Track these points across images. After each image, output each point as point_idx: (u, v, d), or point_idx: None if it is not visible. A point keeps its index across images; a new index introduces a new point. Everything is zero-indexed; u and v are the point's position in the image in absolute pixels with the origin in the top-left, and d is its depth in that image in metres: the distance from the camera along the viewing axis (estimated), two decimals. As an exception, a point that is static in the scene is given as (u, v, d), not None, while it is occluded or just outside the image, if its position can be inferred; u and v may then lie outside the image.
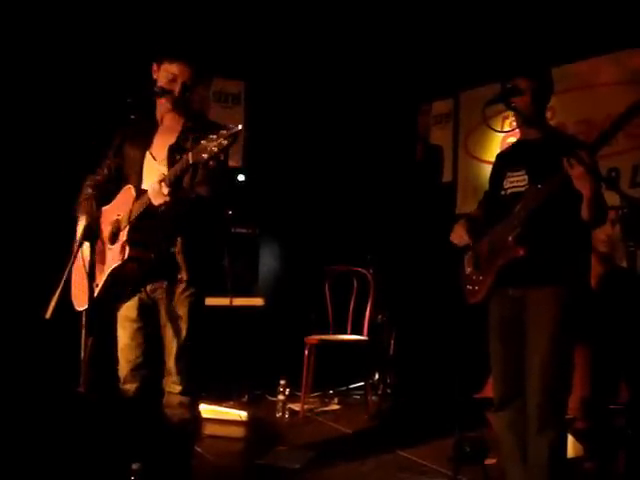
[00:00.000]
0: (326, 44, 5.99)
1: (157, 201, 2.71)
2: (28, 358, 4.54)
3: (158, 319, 3.02)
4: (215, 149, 2.50)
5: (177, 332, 2.96)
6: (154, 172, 2.86)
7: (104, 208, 3.05)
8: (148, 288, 3.00)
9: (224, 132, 2.50)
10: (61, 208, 3.18)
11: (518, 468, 3.09)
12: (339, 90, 6.29)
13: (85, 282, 2.79)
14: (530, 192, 2.86)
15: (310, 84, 6.19)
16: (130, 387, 3.04)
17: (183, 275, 2.93)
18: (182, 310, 2.97)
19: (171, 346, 2.98)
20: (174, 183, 2.70)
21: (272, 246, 6.23)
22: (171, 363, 2.99)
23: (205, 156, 2.53)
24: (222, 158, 2.63)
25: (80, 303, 2.99)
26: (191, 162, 2.60)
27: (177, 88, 2.97)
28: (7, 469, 3.37)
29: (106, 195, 3.07)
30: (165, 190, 2.67)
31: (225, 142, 2.49)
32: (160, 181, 2.70)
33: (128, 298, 3.01)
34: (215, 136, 2.51)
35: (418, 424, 4.90)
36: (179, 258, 2.93)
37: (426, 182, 6.45)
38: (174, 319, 2.97)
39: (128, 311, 3.04)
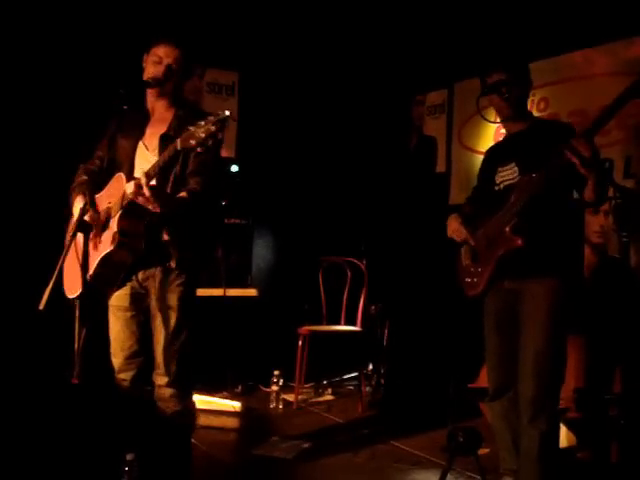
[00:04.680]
0: (320, 35, 5.97)
1: (138, 198, 2.67)
2: (22, 349, 4.53)
3: (149, 309, 3.00)
4: (203, 135, 2.48)
5: (166, 322, 2.93)
6: (146, 161, 2.84)
7: (96, 196, 3.02)
8: (140, 276, 2.97)
9: (212, 118, 2.47)
10: (54, 199, 3.17)
11: (511, 457, 3.11)
12: (333, 81, 6.27)
13: (77, 270, 2.78)
14: (523, 182, 2.87)
15: (304, 75, 6.18)
16: (126, 376, 3.03)
17: (172, 262, 2.91)
18: (172, 300, 2.94)
19: (159, 337, 2.95)
20: (158, 174, 2.68)
21: (266, 237, 6.22)
22: (159, 355, 2.96)
23: (193, 142, 2.50)
24: (210, 144, 2.55)
25: (70, 290, 2.95)
26: (179, 148, 2.57)
27: (161, 70, 2.94)
28: (2, 459, 3.37)
29: (98, 184, 3.04)
30: (144, 185, 2.63)
31: (213, 128, 2.46)
32: (143, 174, 2.67)
33: (120, 286, 2.99)
34: (203, 122, 2.48)
35: (412, 414, 4.91)
36: (170, 245, 2.90)
37: (420, 173, 6.45)
38: (164, 309, 2.94)
39: (120, 300, 3.02)
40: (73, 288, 2.90)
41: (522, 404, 2.93)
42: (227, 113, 2.48)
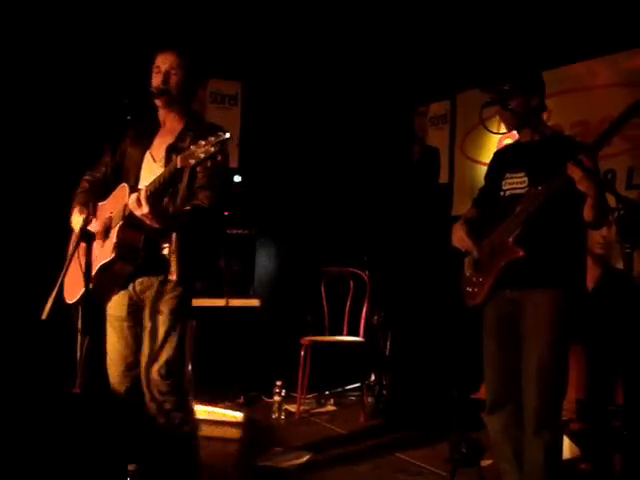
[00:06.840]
0: (323, 46, 5.99)
1: (137, 212, 2.68)
2: (24, 359, 4.53)
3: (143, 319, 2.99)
4: (202, 155, 2.52)
5: (155, 331, 2.91)
6: (152, 172, 2.84)
7: (100, 204, 3.02)
8: (137, 288, 2.97)
9: (212, 139, 2.51)
10: (57, 208, 3.17)
11: (513, 470, 3.09)
12: (336, 91, 6.29)
13: (77, 276, 2.78)
14: (530, 194, 2.87)
15: (307, 85, 6.20)
16: (120, 387, 3.01)
17: (173, 275, 2.90)
18: (165, 310, 2.91)
19: (146, 348, 2.93)
20: (156, 192, 2.68)
21: (268, 247, 6.23)
22: (145, 364, 2.93)
23: (192, 162, 2.55)
24: (209, 165, 2.60)
25: (70, 296, 2.94)
26: (179, 167, 2.60)
27: (161, 78, 2.96)
28: (3, 470, 3.36)
29: (103, 192, 3.04)
30: (144, 200, 2.65)
31: (212, 149, 2.50)
32: (144, 189, 2.69)
33: (117, 291, 2.99)
34: (204, 142, 2.52)
35: (414, 425, 4.89)
36: (171, 258, 2.89)
37: (423, 183, 6.45)
38: (155, 319, 2.92)
39: (117, 310, 3.01)
40: (73, 293, 2.90)
41: (526, 416, 2.91)
42: (227, 135, 2.53)
